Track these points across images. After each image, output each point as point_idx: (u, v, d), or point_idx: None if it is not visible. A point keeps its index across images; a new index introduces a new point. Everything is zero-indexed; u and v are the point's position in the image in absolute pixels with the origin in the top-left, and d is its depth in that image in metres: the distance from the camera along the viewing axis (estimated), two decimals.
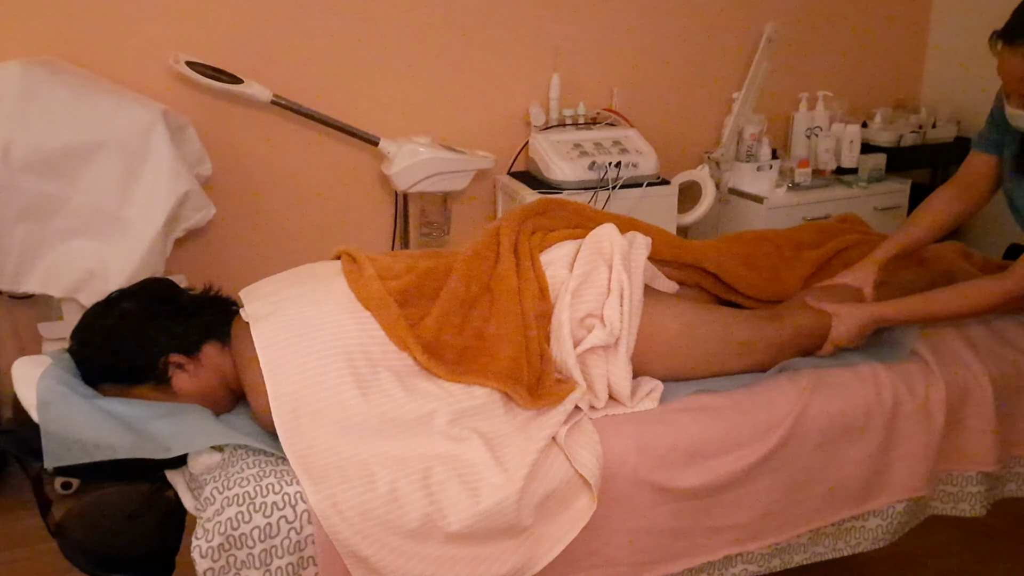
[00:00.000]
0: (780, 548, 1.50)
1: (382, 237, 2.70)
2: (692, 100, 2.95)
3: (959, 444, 1.57)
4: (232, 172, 2.46)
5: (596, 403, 1.42)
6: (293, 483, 1.23)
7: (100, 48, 2.25)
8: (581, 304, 1.45)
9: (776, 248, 1.75)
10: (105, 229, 1.98)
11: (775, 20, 2.77)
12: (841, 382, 1.51)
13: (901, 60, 3.23)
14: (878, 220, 2.72)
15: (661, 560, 1.40)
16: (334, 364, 1.32)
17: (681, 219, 2.63)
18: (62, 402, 1.28)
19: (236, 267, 2.53)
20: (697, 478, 1.38)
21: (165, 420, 1.29)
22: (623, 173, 2.47)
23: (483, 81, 2.66)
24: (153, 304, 1.41)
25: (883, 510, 1.54)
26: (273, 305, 1.40)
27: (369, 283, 1.42)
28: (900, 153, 2.92)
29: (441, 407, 1.35)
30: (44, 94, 1.93)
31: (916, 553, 1.93)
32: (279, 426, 1.28)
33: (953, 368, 1.56)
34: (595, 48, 2.76)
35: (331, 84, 2.49)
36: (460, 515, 1.23)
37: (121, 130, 1.97)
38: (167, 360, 1.38)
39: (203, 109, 2.37)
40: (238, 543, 1.18)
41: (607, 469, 1.33)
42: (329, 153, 2.56)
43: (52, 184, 1.91)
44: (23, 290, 1.99)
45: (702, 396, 1.47)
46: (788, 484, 1.45)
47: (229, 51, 2.35)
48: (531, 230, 1.58)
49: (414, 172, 2.38)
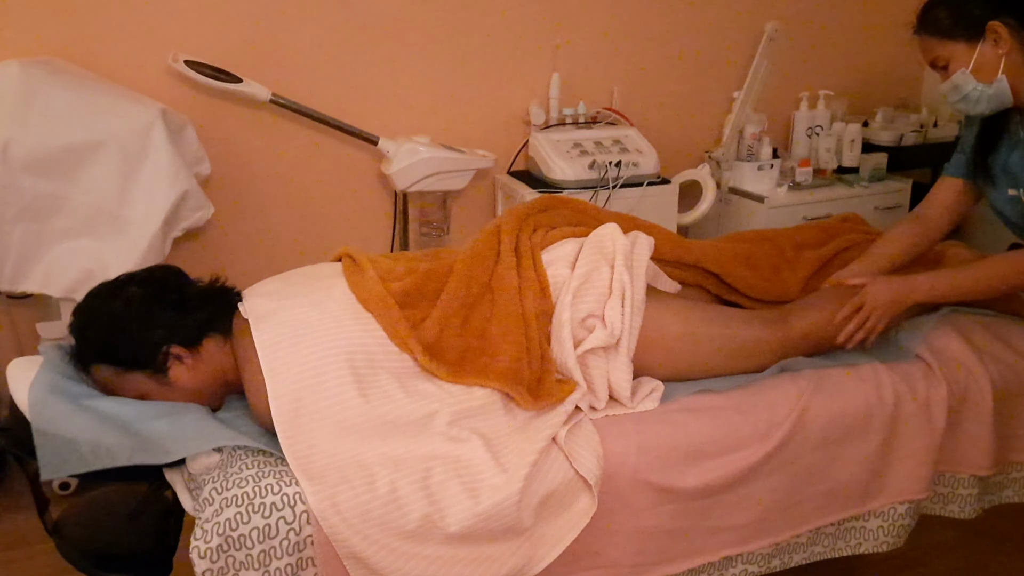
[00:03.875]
0: (780, 548, 1.49)
1: (381, 236, 2.69)
2: (693, 99, 2.94)
3: (954, 446, 1.57)
4: (231, 171, 2.46)
5: (596, 404, 1.42)
6: (292, 484, 1.22)
7: (99, 48, 2.25)
8: (582, 304, 1.45)
9: (777, 248, 1.75)
10: (104, 229, 1.97)
11: (776, 19, 2.77)
12: (842, 382, 1.51)
13: (902, 59, 3.22)
14: (879, 220, 2.71)
15: (661, 561, 1.40)
16: (335, 365, 1.32)
17: (682, 218, 2.63)
18: (55, 411, 1.27)
19: (235, 267, 2.52)
20: (698, 478, 1.38)
21: (163, 421, 1.28)
22: (623, 172, 2.47)
23: (483, 80, 2.66)
24: (159, 292, 1.40)
25: (884, 511, 1.54)
26: (274, 305, 1.39)
27: (370, 284, 1.41)
28: (901, 152, 2.91)
29: (441, 408, 1.35)
30: (43, 94, 1.92)
31: (917, 553, 1.92)
32: (279, 426, 1.27)
33: (954, 370, 1.55)
34: (595, 47, 2.76)
35: (330, 83, 2.48)
36: (460, 516, 1.22)
37: (120, 130, 1.96)
38: (167, 351, 1.37)
39: (202, 108, 2.36)
40: (237, 544, 1.18)
41: (607, 470, 1.32)
42: (328, 152, 2.56)
43: (51, 184, 1.91)
44: (22, 290, 1.99)
45: (703, 396, 1.46)
46: (789, 484, 1.45)
47: (228, 50, 2.34)
48: (532, 228, 1.58)
49: (413, 171, 2.38)
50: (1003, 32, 1.48)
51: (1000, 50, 1.49)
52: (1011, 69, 1.50)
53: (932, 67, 1.58)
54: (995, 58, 1.50)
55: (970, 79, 1.52)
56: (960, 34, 1.51)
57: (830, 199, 2.73)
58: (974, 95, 1.53)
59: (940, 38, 1.53)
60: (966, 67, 1.52)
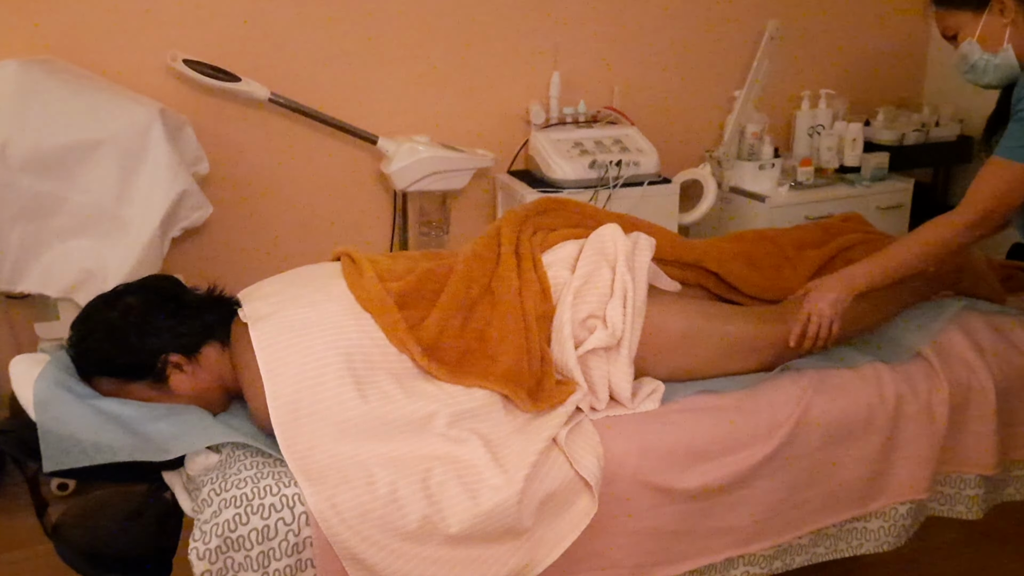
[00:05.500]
0: (782, 549, 1.49)
1: (381, 236, 2.69)
2: (693, 98, 2.94)
3: (959, 446, 1.56)
4: (230, 171, 2.45)
5: (597, 404, 1.42)
6: (291, 485, 1.22)
7: (97, 47, 2.24)
8: (583, 305, 1.44)
9: (778, 247, 1.74)
10: (102, 228, 1.97)
11: (777, 18, 2.76)
12: (843, 382, 1.51)
13: (904, 58, 3.22)
14: (880, 219, 2.71)
15: (662, 562, 1.40)
16: (333, 365, 1.31)
17: (682, 218, 2.62)
18: (60, 403, 1.27)
19: (234, 266, 2.52)
20: (699, 479, 1.37)
21: (164, 421, 1.29)
22: (624, 172, 2.46)
23: (483, 79, 2.65)
24: (157, 301, 1.40)
25: (885, 512, 1.53)
26: (272, 306, 1.39)
27: (369, 285, 1.41)
28: (903, 152, 2.91)
29: (441, 408, 1.34)
30: (41, 93, 1.92)
31: (919, 554, 1.92)
32: (277, 428, 1.27)
33: (956, 369, 1.55)
34: (595, 46, 2.75)
35: (329, 82, 2.48)
36: (460, 517, 1.22)
37: (119, 129, 1.96)
38: (166, 359, 1.37)
39: (201, 108, 2.36)
40: (236, 545, 1.17)
41: (608, 470, 1.32)
42: (327, 152, 2.55)
43: (49, 183, 1.90)
44: (20, 290, 1.98)
45: (704, 397, 1.46)
46: (790, 485, 1.45)
47: (227, 49, 2.34)
48: (532, 230, 1.57)
49: (413, 171, 2.37)
50: (1008, 1, 1.50)
51: (1005, 19, 1.52)
52: (1017, 38, 1.53)
53: (945, 38, 1.62)
54: (1000, 27, 1.53)
55: (976, 48, 1.55)
56: (966, 3, 1.55)
57: (831, 198, 2.73)
58: (980, 64, 1.56)
59: (948, 8, 1.58)
60: (972, 37, 1.55)
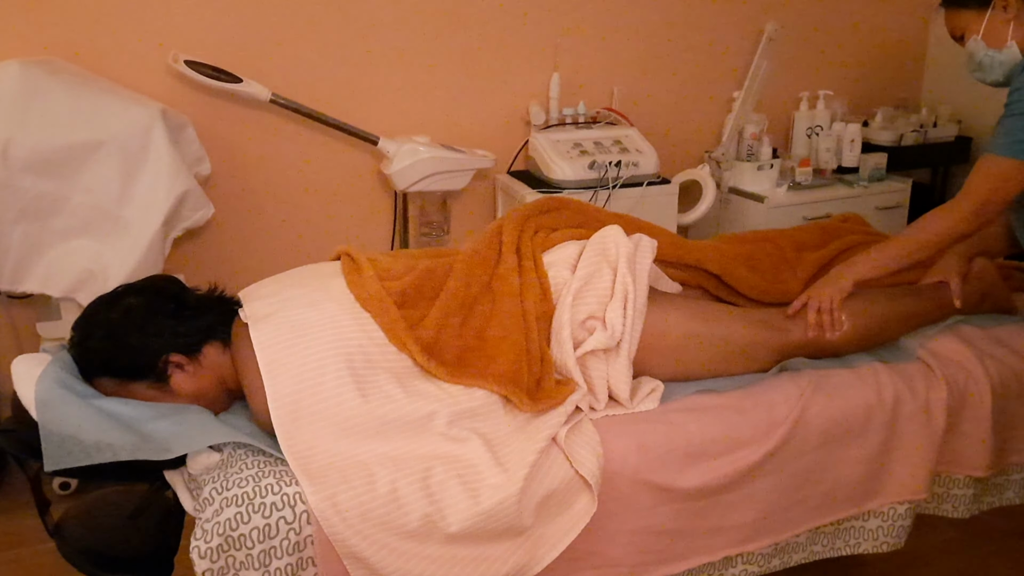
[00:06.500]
0: (779, 548, 1.50)
1: (381, 237, 2.69)
2: (692, 99, 2.94)
3: (952, 447, 1.57)
4: (231, 171, 2.46)
5: (596, 404, 1.42)
6: (292, 484, 1.22)
7: (99, 47, 2.25)
8: (582, 306, 1.44)
9: (778, 249, 1.74)
10: (104, 229, 1.97)
11: (776, 19, 2.77)
12: (842, 382, 1.51)
13: (902, 59, 3.23)
14: (879, 219, 2.71)
15: (661, 561, 1.40)
16: (333, 365, 1.32)
17: (681, 218, 2.63)
18: (61, 403, 1.27)
19: (235, 266, 2.52)
20: (698, 479, 1.38)
21: (165, 420, 1.29)
22: (623, 172, 2.47)
23: (483, 80, 2.66)
24: (158, 301, 1.41)
25: (884, 511, 1.54)
26: (272, 306, 1.39)
27: (368, 284, 1.41)
28: (901, 152, 2.91)
29: (441, 408, 1.35)
30: (43, 94, 1.92)
31: (918, 553, 1.92)
32: (278, 427, 1.28)
33: (954, 370, 1.55)
34: (595, 47, 2.76)
35: (330, 83, 2.48)
36: (460, 516, 1.22)
37: (120, 129, 1.96)
38: (167, 359, 1.37)
39: (202, 108, 2.36)
40: (237, 544, 1.18)
41: (607, 469, 1.32)
42: (328, 152, 2.56)
43: (51, 184, 1.91)
44: (22, 290, 1.99)
45: (703, 396, 1.46)
46: (788, 484, 1.45)
47: (228, 50, 2.34)
48: (534, 229, 1.58)
49: (413, 171, 2.38)
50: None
51: (1008, 15, 1.54)
52: (1020, 34, 1.55)
53: (954, 39, 1.65)
54: (1004, 24, 1.55)
55: (981, 45, 1.58)
56: (971, 2, 1.59)
57: (830, 199, 2.73)
58: (986, 62, 1.59)
59: (954, 7, 1.62)
60: (978, 35, 1.57)
